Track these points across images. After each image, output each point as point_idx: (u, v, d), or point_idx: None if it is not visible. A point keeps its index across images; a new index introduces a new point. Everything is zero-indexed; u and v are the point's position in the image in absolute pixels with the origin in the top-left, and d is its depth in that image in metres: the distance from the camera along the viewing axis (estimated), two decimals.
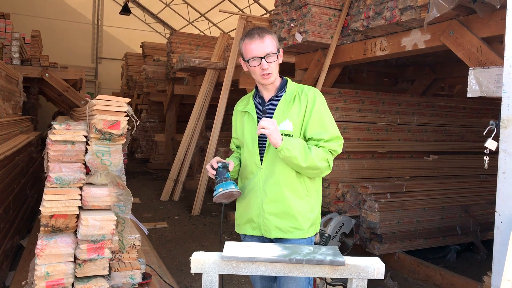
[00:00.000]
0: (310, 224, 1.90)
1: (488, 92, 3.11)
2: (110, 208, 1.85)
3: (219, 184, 1.82)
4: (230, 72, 6.09)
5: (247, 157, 1.96)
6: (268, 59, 1.84)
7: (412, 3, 3.39)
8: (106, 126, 1.77)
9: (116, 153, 1.81)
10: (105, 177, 1.82)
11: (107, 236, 1.80)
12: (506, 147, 2.04)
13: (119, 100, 1.79)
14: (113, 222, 1.80)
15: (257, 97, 2.01)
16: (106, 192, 1.83)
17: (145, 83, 10.11)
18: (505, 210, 2.04)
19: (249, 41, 1.86)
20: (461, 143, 5.54)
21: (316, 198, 1.95)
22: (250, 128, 1.95)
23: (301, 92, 1.91)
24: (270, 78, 1.88)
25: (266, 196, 1.88)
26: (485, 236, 4.77)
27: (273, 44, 1.88)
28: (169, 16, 15.89)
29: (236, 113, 2.08)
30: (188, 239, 4.91)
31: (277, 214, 1.87)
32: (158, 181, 8.65)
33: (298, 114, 1.87)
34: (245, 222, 1.98)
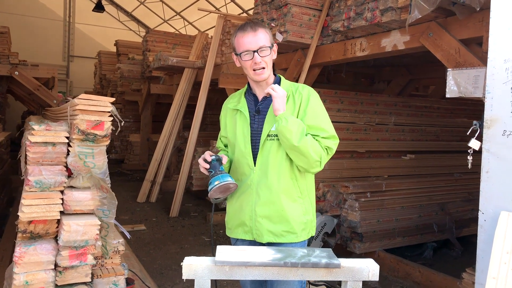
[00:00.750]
0: (303, 228, 1.85)
1: (466, 93, 3.18)
2: (93, 212, 1.78)
3: (215, 177, 1.73)
4: (209, 72, 6.03)
5: (238, 157, 1.89)
6: (261, 53, 1.77)
7: (393, 5, 3.43)
8: (90, 127, 1.70)
9: (100, 155, 1.73)
10: (88, 180, 1.74)
11: (90, 242, 1.73)
12: (489, 147, 2.08)
13: (103, 99, 1.72)
14: (96, 227, 1.73)
15: (249, 94, 1.93)
16: (89, 196, 1.75)
17: (120, 82, 9.89)
18: (488, 209, 2.08)
19: (241, 34, 1.79)
20: (436, 142, 5.66)
21: (309, 200, 1.90)
22: (242, 128, 1.87)
23: (295, 90, 1.85)
24: (263, 74, 1.81)
25: (260, 198, 1.82)
26: (460, 233, 4.90)
27: (266, 38, 1.80)
28: (144, 14, 15.61)
29: (226, 110, 1.99)
30: (167, 241, 4.82)
31: (270, 218, 1.81)
32: (134, 182, 8.47)
33: (293, 113, 1.80)
34: (236, 225, 1.91)
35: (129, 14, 16.22)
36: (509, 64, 1.97)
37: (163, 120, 8.16)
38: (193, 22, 14.20)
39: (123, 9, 16.08)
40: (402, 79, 6.30)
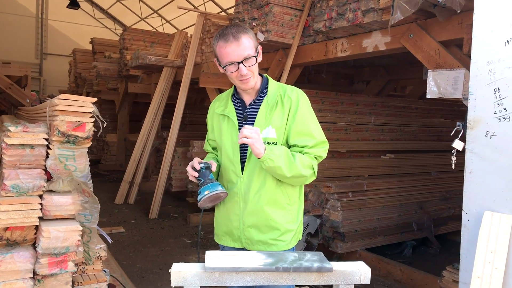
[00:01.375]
0: (292, 235, 1.81)
1: (446, 94, 3.23)
2: (74, 217, 1.70)
3: (205, 187, 1.68)
4: (189, 71, 5.95)
5: (226, 164, 1.83)
6: (246, 63, 1.68)
7: (375, 6, 3.45)
8: (71, 128, 1.62)
9: (81, 158, 1.66)
10: (69, 183, 1.66)
11: (72, 248, 1.65)
12: (472, 148, 2.10)
13: (84, 100, 1.64)
14: (78, 233, 1.65)
15: (236, 99, 1.86)
16: (69, 200, 1.68)
17: (96, 81, 9.66)
18: (472, 209, 2.11)
19: (223, 44, 1.68)
20: (414, 142, 5.75)
21: (298, 206, 1.86)
22: (230, 134, 1.80)
23: (283, 94, 1.78)
24: (250, 83, 1.74)
25: (247, 207, 1.76)
26: (438, 231, 5.00)
27: (250, 45, 1.71)
28: (120, 12, 15.33)
29: (213, 114, 1.92)
30: (147, 243, 4.72)
31: (258, 227, 1.76)
32: (111, 183, 8.29)
33: (281, 119, 1.75)
34: (224, 233, 1.86)
35: (105, 11, 15.90)
36: (492, 66, 2.00)
37: (141, 120, 8.01)
38: (171, 21, 14.03)
39: (98, 6, 15.75)
40: (381, 80, 6.37)
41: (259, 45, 1.80)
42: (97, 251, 1.88)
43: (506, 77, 1.95)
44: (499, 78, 1.98)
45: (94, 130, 1.71)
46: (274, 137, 1.74)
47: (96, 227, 2.11)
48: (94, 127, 1.71)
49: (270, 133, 1.74)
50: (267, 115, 1.76)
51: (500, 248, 1.88)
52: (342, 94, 5.15)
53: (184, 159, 6.63)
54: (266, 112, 1.76)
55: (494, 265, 1.87)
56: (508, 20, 1.93)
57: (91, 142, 7.15)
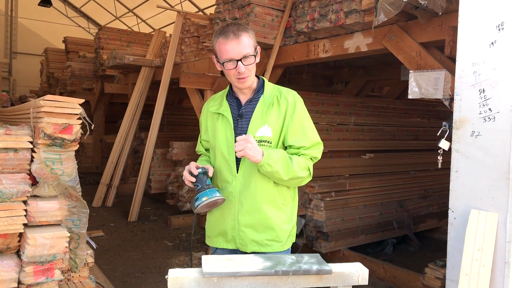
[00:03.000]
0: (287, 236, 1.81)
1: (427, 94, 3.29)
2: (61, 223, 1.63)
3: (202, 193, 1.65)
4: (168, 71, 5.86)
5: (221, 164, 1.81)
6: (245, 61, 1.69)
7: (357, 7, 3.48)
8: (57, 131, 1.55)
9: (68, 161, 1.59)
10: (55, 188, 1.60)
11: (59, 256, 1.59)
12: (458, 147, 2.15)
13: (71, 101, 1.58)
14: (65, 239, 1.59)
15: (231, 97, 1.85)
16: (56, 205, 1.61)
17: (70, 81, 9.41)
18: (458, 207, 2.15)
19: (223, 40, 1.68)
20: (393, 142, 5.84)
21: (292, 207, 1.86)
22: (225, 133, 1.79)
23: (279, 95, 1.79)
24: (247, 82, 1.74)
25: (242, 207, 1.75)
26: (417, 229, 5.10)
27: (250, 44, 1.72)
28: (94, 10, 14.98)
29: (207, 113, 1.90)
30: (128, 247, 4.62)
31: (254, 227, 1.75)
32: (87, 185, 8.08)
33: (278, 119, 1.75)
34: (217, 234, 1.84)
35: (78, 9, 15.51)
36: (477, 67, 2.05)
37: (117, 120, 7.84)
38: (146, 20, 13.82)
39: (71, 4, 15.34)
40: (360, 80, 6.46)
41: (258, 45, 1.80)
42: (84, 257, 1.81)
43: (491, 78, 2.00)
44: (484, 79, 2.03)
45: (81, 133, 1.65)
46: (269, 136, 1.74)
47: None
48: (81, 129, 1.65)
49: (266, 132, 1.74)
50: (263, 114, 1.75)
51: (487, 246, 1.92)
52: (322, 94, 5.18)
53: (164, 160, 6.53)
54: (263, 111, 1.76)
55: (482, 263, 1.91)
56: (493, 22, 1.98)
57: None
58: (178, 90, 6.50)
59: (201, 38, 5.41)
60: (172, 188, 6.08)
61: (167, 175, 6.46)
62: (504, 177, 1.96)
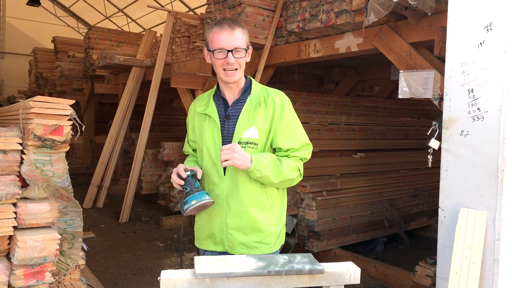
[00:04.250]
0: (276, 238, 1.80)
1: (417, 94, 3.32)
2: (52, 225, 1.62)
3: (191, 196, 1.64)
4: (159, 71, 5.83)
5: (208, 166, 1.79)
6: (235, 53, 1.68)
7: (347, 7, 3.50)
8: (47, 132, 1.54)
9: (59, 162, 1.58)
10: (45, 189, 1.58)
11: (49, 258, 1.57)
12: (448, 147, 2.17)
13: (61, 102, 1.57)
14: (56, 242, 1.57)
15: (218, 98, 1.83)
16: (46, 207, 1.59)
17: (59, 81, 9.31)
18: (448, 206, 2.17)
19: (217, 30, 1.69)
20: (383, 141, 5.89)
21: (281, 208, 1.84)
22: (212, 134, 1.77)
23: (267, 96, 1.77)
24: (234, 76, 1.72)
25: (230, 209, 1.74)
26: (408, 227, 5.14)
27: (243, 39, 1.72)
28: (83, 10, 14.84)
29: (194, 114, 1.88)
30: (119, 248, 4.59)
31: (242, 229, 1.74)
32: (77, 186, 8.01)
33: (265, 120, 1.73)
34: (206, 237, 1.83)
35: (67, 9, 15.36)
36: (466, 67, 2.07)
37: (107, 121, 7.78)
38: (136, 20, 13.73)
39: (60, 3, 15.19)
40: (351, 80, 6.49)
41: (250, 46, 1.79)
42: (80, 256, 1.80)
43: (480, 78, 2.02)
44: (472, 79, 2.05)
45: (72, 134, 1.64)
46: (256, 138, 1.73)
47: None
48: (71, 130, 1.64)
49: (252, 133, 1.72)
50: (250, 115, 1.74)
51: (477, 244, 1.95)
52: (313, 94, 5.20)
53: (155, 161, 6.51)
54: (249, 112, 1.74)
55: (471, 260, 1.93)
56: (481, 22, 2.00)
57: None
58: (169, 90, 6.47)
59: (192, 38, 5.39)
60: (164, 188, 6.06)
61: (158, 175, 6.43)
62: (492, 176, 1.98)
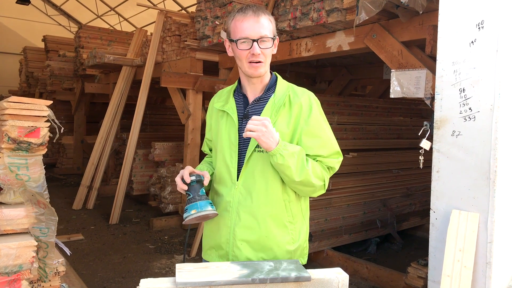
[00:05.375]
0: (288, 257, 1.58)
1: (408, 93, 3.29)
2: (28, 231, 1.55)
3: (192, 204, 1.49)
4: (149, 70, 5.76)
5: (221, 168, 1.62)
6: (261, 43, 1.49)
7: (338, 5, 3.46)
8: (22, 134, 1.47)
9: (35, 166, 1.51)
10: (21, 194, 1.52)
11: (25, 266, 1.51)
12: (439, 147, 2.13)
13: (38, 102, 1.50)
14: (32, 249, 1.51)
15: (238, 94, 1.65)
16: (22, 213, 1.53)
17: (49, 81, 9.20)
18: (439, 208, 2.13)
19: (241, 17, 1.51)
20: (376, 140, 5.85)
21: (302, 225, 1.63)
22: (228, 133, 1.60)
23: (293, 96, 1.57)
24: (260, 69, 1.53)
25: (240, 220, 1.55)
26: (400, 227, 5.12)
27: (270, 27, 1.53)
28: (74, 8, 14.70)
29: (212, 111, 1.71)
30: (109, 250, 4.52)
31: (251, 243, 1.55)
32: (68, 187, 7.93)
33: (288, 123, 1.54)
34: (210, 247, 1.65)
35: (58, 8, 15.20)
36: (457, 66, 2.03)
37: (98, 121, 7.70)
38: (128, 18, 13.62)
39: (51, 2, 15.02)
40: (343, 79, 6.46)
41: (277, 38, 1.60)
42: (54, 266, 1.73)
43: (471, 77, 1.98)
44: (464, 78, 2.01)
45: (50, 136, 1.57)
46: None
47: (55, 240, 1.96)
48: (49, 132, 1.57)
49: None
50: (272, 116, 1.54)
51: (468, 247, 1.91)
52: None
53: (145, 161, 6.43)
54: (272, 112, 1.55)
55: (463, 264, 1.89)
56: (473, 20, 1.96)
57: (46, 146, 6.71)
58: (161, 90, 6.40)
59: (183, 36, 5.33)
60: (155, 189, 5.99)
61: (149, 176, 6.36)
62: (484, 177, 1.94)
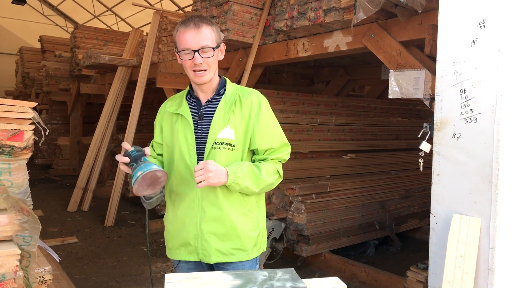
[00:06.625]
0: (253, 244, 1.72)
1: (407, 94, 3.23)
2: (11, 239, 1.49)
3: (137, 168, 1.47)
4: (145, 70, 5.69)
5: (180, 168, 1.68)
6: (202, 53, 1.59)
7: (336, 5, 3.40)
8: (5, 138, 1.41)
9: (18, 171, 1.45)
10: (4, 201, 1.45)
11: (9, 275, 1.44)
12: (439, 150, 2.07)
13: (21, 104, 1.44)
14: (16, 257, 1.44)
15: (191, 97, 1.74)
16: (5, 220, 1.46)
17: (45, 81, 9.13)
18: (440, 212, 2.07)
19: (183, 29, 1.61)
20: (374, 141, 5.80)
21: (259, 213, 1.76)
22: (184, 134, 1.68)
23: (242, 95, 1.70)
24: (204, 77, 1.63)
25: (205, 214, 1.65)
26: (399, 229, 5.06)
27: (211, 37, 1.62)
28: (71, 9, 14.62)
29: (164, 114, 1.78)
30: (103, 254, 4.44)
31: (218, 235, 1.66)
32: (63, 189, 7.85)
33: (241, 121, 1.66)
34: (179, 245, 1.72)
35: (55, 8, 15.11)
36: (458, 66, 1.98)
37: (95, 122, 7.63)
38: (126, 19, 13.55)
39: (47, 2, 14.93)
40: (341, 80, 6.40)
41: (223, 43, 1.70)
42: (40, 274, 1.66)
43: (472, 77, 1.93)
44: (465, 79, 1.95)
45: (35, 139, 1.51)
46: (232, 139, 1.64)
47: (43, 245, 1.89)
48: (34, 135, 1.51)
49: (228, 134, 1.64)
50: (225, 114, 1.66)
51: (470, 252, 1.85)
52: (303, 94, 5.10)
53: None
54: (224, 111, 1.66)
55: (465, 270, 1.83)
56: (474, 19, 1.90)
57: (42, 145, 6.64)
58: (157, 90, 6.33)
59: None
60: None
61: None
62: (486, 181, 1.89)
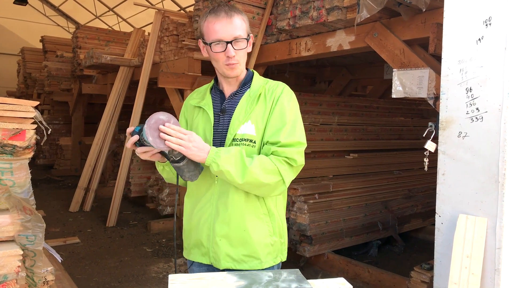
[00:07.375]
0: (268, 251, 1.58)
1: (411, 93, 3.20)
2: (13, 239, 1.47)
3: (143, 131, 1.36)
4: (147, 70, 5.68)
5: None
6: (235, 45, 1.49)
7: (339, 4, 3.38)
8: (7, 137, 1.39)
9: (20, 170, 1.43)
10: (6, 200, 1.44)
11: (11, 276, 1.42)
12: (445, 149, 2.05)
13: (23, 103, 1.42)
14: (18, 258, 1.43)
15: (215, 91, 1.65)
16: (7, 220, 1.45)
17: (47, 81, 9.14)
18: (445, 212, 2.05)
19: (213, 19, 1.49)
20: (376, 141, 5.78)
21: (277, 218, 1.61)
22: (203, 130, 1.58)
23: (268, 88, 1.57)
24: (236, 70, 1.54)
25: (219, 215, 1.55)
26: (402, 229, 5.03)
27: (243, 27, 1.52)
28: (73, 9, 14.63)
29: (187, 107, 1.70)
30: (105, 254, 4.43)
31: (230, 239, 1.55)
32: (65, 189, 7.85)
33: (263, 115, 1.53)
34: (193, 245, 1.64)
35: (57, 8, 15.12)
36: (463, 64, 1.95)
37: (96, 122, 7.62)
38: (127, 19, 13.55)
39: (49, 2, 14.95)
40: (343, 79, 6.38)
41: (252, 35, 1.59)
42: (42, 275, 1.65)
43: (478, 76, 1.90)
44: (471, 77, 1.93)
45: (37, 138, 1.49)
46: (252, 134, 1.51)
47: (45, 245, 1.87)
48: (36, 134, 1.49)
49: (248, 129, 1.52)
50: (247, 109, 1.54)
51: (476, 253, 1.83)
52: (305, 94, 5.08)
53: (143, 163, 6.35)
54: (247, 106, 1.55)
55: (471, 270, 1.81)
56: (480, 17, 1.88)
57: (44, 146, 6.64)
58: (159, 90, 6.32)
59: (181, 36, 5.25)
60: (152, 191, 5.91)
61: (147, 178, 6.28)
62: (493, 180, 1.86)
